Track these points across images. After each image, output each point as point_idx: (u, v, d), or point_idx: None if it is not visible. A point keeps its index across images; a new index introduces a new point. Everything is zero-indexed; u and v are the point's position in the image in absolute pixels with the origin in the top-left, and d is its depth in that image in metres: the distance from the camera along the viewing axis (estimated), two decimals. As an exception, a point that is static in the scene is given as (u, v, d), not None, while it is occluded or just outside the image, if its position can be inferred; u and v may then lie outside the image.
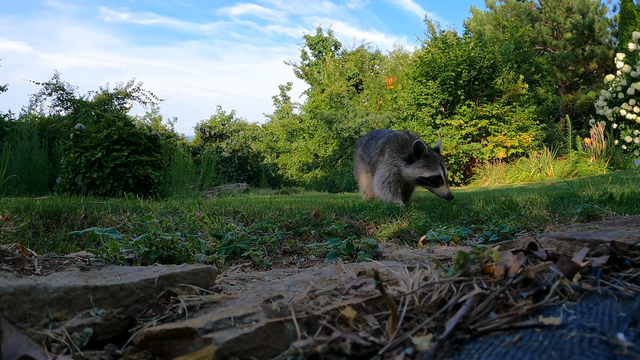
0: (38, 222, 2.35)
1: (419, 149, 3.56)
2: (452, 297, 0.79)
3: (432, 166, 3.56)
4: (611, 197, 2.99)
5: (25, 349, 0.73)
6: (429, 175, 3.56)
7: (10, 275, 1.05)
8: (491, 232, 2.27)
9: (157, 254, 1.66)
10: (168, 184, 6.52)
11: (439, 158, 3.61)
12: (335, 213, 2.88)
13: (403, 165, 3.65)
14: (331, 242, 1.98)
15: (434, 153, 3.62)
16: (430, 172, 3.56)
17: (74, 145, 5.57)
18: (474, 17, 21.16)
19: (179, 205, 2.97)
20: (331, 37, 23.27)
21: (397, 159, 3.70)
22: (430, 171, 3.56)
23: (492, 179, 10.69)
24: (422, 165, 3.58)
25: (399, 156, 3.69)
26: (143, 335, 0.79)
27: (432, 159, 3.57)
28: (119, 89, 13.14)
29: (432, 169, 3.55)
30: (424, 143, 3.55)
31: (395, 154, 3.73)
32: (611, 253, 0.91)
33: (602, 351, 0.58)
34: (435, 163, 3.56)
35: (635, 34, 10.66)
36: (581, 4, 19.17)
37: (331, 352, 0.67)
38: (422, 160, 3.58)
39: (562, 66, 19.32)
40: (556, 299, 0.76)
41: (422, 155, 3.58)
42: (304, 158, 18.95)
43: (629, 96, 10.67)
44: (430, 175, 3.57)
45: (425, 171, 3.57)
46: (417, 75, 13.90)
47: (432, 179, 3.58)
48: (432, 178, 3.57)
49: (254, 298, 0.88)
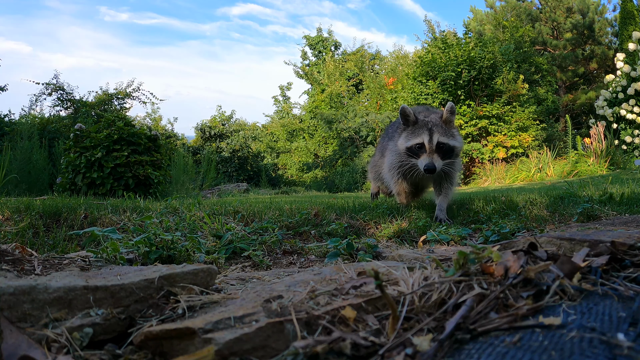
0: (38, 222, 2.35)
1: (404, 115, 2.84)
2: (452, 297, 0.79)
3: (416, 132, 2.78)
4: (611, 197, 2.99)
5: (25, 349, 0.73)
6: (410, 144, 2.77)
7: (10, 275, 1.05)
8: (491, 232, 2.27)
9: (157, 254, 1.66)
10: (168, 184, 6.51)
11: (430, 123, 2.79)
12: (335, 213, 2.88)
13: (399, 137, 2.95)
14: (331, 242, 1.98)
15: (427, 118, 2.84)
16: (412, 140, 2.77)
17: (74, 145, 5.57)
18: (474, 17, 21.16)
19: (179, 205, 2.97)
20: (331, 37, 23.27)
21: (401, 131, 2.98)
22: (413, 139, 2.77)
23: (492, 179, 10.69)
24: (408, 133, 2.83)
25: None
26: (143, 335, 0.79)
27: (420, 124, 2.81)
28: (119, 89, 13.13)
29: (415, 136, 2.77)
30: (410, 108, 2.85)
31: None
32: (611, 253, 0.91)
33: (602, 351, 0.58)
34: (421, 129, 2.78)
35: (635, 34, 10.66)
36: (581, 4, 19.17)
37: (331, 352, 0.67)
38: (410, 128, 2.85)
39: (562, 66, 19.32)
40: (556, 299, 0.76)
41: (410, 123, 2.85)
42: (304, 158, 18.94)
43: (629, 96, 10.67)
44: (411, 144, 2.77)
45: (407, 140, 2.80)
46: (417, 75, 13.90)
47: (413, 148, 2.77)
48: (413, 148, 2.77)
49: (254, 298, 0.88)
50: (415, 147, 2.78)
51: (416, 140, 2.77)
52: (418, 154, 2.77)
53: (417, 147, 2.77)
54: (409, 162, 2.89)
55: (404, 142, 2.83)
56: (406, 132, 2.85)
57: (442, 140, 2.76)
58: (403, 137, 2.86)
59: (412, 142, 2.77)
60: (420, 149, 2.76)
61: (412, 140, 2.78)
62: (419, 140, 2.75)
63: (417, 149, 2.77)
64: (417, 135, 2.78)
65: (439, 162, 2.73)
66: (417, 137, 2.77)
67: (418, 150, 2.77)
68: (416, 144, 2.77)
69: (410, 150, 2.81)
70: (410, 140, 2.79)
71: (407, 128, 2.85)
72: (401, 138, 2.88)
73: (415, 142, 2.77)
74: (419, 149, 2.77)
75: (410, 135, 2.81)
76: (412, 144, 2.78)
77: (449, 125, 2.87)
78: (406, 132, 2.85)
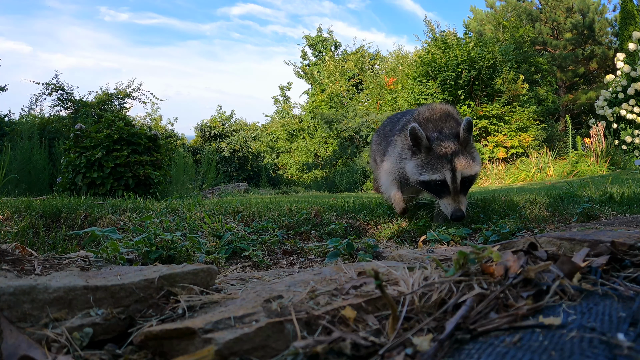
0: (38, 222, 2.35)
1: (415, 137, 2.38)
2: (452, 297, 0.79)
3: (433, 165, 2.35)
4: (611, 197, 2.99)
5: (25, 349, 0.73)
6: (427, 179, 2.36)
7: (10, 275, 1.05)
8: (491, 232, 2.28)
9: (157, 254, 1.66)
10: (168, 184, 6.52)
11: (450, 152, 2.34)
12: (335, 213, 2.88)
13: (408, 159, 2.52)
14: (331, 242, 1.99)
15: (445, 143, 2.37)
16: (428, 173, 2.36)
17: (74, 145, 5.57)
18: (474, 17, 21.16)
19: (179, 205, 2.97)
20: (331, 37, 23.27)
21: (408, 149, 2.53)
22: (430, 172, 2.35)
23: (492, 179, 10.69)
24: (422, 162, 2.40)
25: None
26: (143, 335, 0.79)
27: (438, 154, 2.35)
28: (119, 89, 13.14)
29: (432, 170, 2.35)
30: (421, 131, 2.37)
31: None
32: (611, 253, 0.91)
33: (602, 351, 0.58)
34: (440, 161, 2.34)
35: (635, 34, 10.66)
36: (581, 4, 19.17)
37: (331, 352, 0.67)
38: (423, 154, 2.41)
39: (562, 66, 19.32)
40: (556, 299, 0.76)
41: (422, 147, 2.39)
42: (304, 158, 18.95)
43: (629, 96, 10.66)
44: (429, 179, 2.36)
45: (422, 171, 2.39)
46: (417, 75, 13.90)
47: (432, 184, 2.37)
48: (432, 183, 2.36)
49: (254, 298, 0.88)
50: (434, 183, 2.37)
51: (435, 177, 2.35)
52: (438, 192, 2.39)
53: (436, 184, 2.37)
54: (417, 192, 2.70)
55: (417, 172, 2.42)
56: (418, 160, 2.43)
57: (467, 174, 2.35)
58: (414, 164, 2.44)
59: (430, 178, 2.37)
60: (441, 187, 2.36)
61: (429, 174, 2.37)
62: (439, 177, 2.34)
63: (437, 186, 2.37)
64: (434, 170, 2.35)
65: (465, 203, 2.36)
66: (435, 171, 2.35)
67: (437, 188, 2.38)
68: (435, 181, 2.36)
69: (426, 184, 2.42)
70: (426, 173, 2.38)
71: (419, 154, 2.43)
72: (411, 164, 2.47)
73: (434, 178, 2.35)
74: (438, 185, 2.36)
75: (425, 166, 2.39)
76: (430, 180, 2.37)
77: (468, 147, 2.44)
78: (418, 159, 2.43)
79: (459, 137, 2.41)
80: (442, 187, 2.35)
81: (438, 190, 2.38)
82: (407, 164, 2.51)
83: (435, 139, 2.41)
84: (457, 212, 2.30)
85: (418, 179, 2.42)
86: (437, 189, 2.38)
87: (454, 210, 2.31)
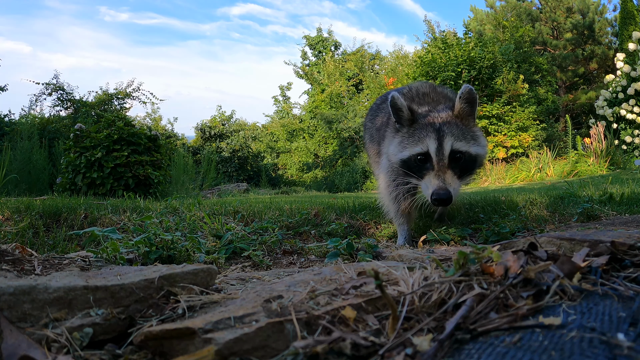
0: (38, 222, 2.35)
1: (396, 109, 1.97)
2: (452, 297, 0.79)
3: (416, 136, 1.91)
4: (611, 197, 2.99)
5: (25, 349, 0.73)
6: (407, 155, 1.92)
7: (10, 275, 1.05)
8: (491, 232, 2.28)
9: (157, 254, 1.66)
10: (168, 184, 6.52)
11: (439, 122, 1.91)
12: (335, 213, 2.88)
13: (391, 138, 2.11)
14: (331, 242, 1.98)
15: (434, 114, 1.97)
16: (410, 147, 1.91)
17: (74, 145, 5.57)
18: (474, 17, 21.16)
19: (179, 205, 2.97)
20: (331, 37, 23.27)
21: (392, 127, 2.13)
22: (411, 146, 1.91)
23: (492, 179, 10.69)
24: (404, 136, 1.98)
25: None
26: (143, 335, 0.79)
27: (423, 124, 1.93)
28: (119, 89, 13.14)
29: (414, 142, 1.90)
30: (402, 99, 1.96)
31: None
32: (611, 253, 0.91)
33: (602, 351, 0.58)
34: (424, 130, 1.90)
35: (635, 34, 10.66)
36: (581, 4, 19.17)
37: (331, 352, 0.67)
38: (406, 129, 1.99)
39: (562, 66, 19.32)
40: (556, 299, 0.76)
41: (405, 120, 1.99)
42: (304, 158, 18.95)
43: (629, 96, 10.66)
44: (409, 155, 1.92)
45: (404, 147, 1.95)
46: (417, 75, 13.89)
47: (412, 161, 1.91)
48: (412, 160, 1.91)
49: (254, 298, 0.88)
50: (416, 159, 1.89)
51: (416, 150, 1.87)
52: (420, 170, 1.88)
53: (418, 159, 1.88)
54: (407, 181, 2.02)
55: (397, 150, 1.97)
56: (400, 136, 1.99)
57: (460, 148, 1.86)
58: (396, 142, 2.00)
59: (410, 153, 1.89)
60: (424, 163, 1.87)
61: (410, 147, 1.90)
62: (420, 149, 1.86)
63: (419, 163, 1.88)
64: (416, 141, 1.89)
65: (456, 184, 1.82)
66: (416, 143, 1.89)
67: (420, 165, 1.88)
68: (417, 155, 1.88)
69: (407, 164, 1.93)
70: (407, 147, 1.91)
71: (402, 129, 2.00)
72: (393, 144, 2.02)
73: (415, 151, 1.88)
74: (421, 162, 1.88)
75: (406, 140, 1.94)
76: (411, 155, 1.89)
77: (467, 122, 1.97)
78: (400, 135, 1.99)
79: (453, 109, 1.96)
80: (426, 163, 1.87)
81: (421, 170, 1.88)
82: (389, 145, 2.07)
83: (422, 111, 2.02)
84: (440, 191, 1.74)
85: (399, 158, 1.96)
86: (420, 168, 1.88)
87: (435, 188, 1.76)
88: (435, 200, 1.76)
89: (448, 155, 1.84)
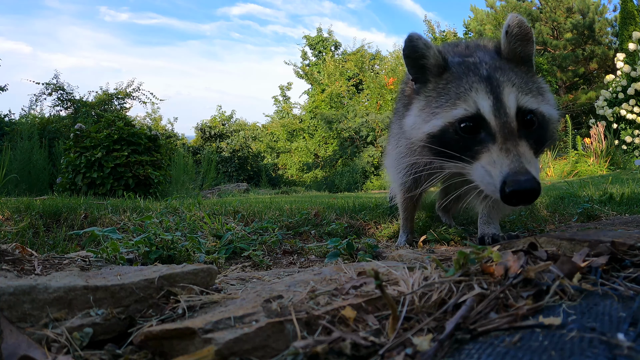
0: (38, 222, 2.35)
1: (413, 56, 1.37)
2: (452, 297, 0.79)
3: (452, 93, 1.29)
4: (611, 197, 2.99)
5: (25, 349, 0.73)
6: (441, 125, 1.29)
7: (10, 275, 1.05)
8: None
9: (157, 254, 1.66)
10: (168, 184, 6.52)
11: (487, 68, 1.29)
12: (335, 213, 2.88)
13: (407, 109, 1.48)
14: (331, 242, 1.98)
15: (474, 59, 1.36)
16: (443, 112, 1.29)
17: (74, 145, 5.57)
18: (474, 17, 21.17)
19: (179, 205, 2.97)
20: (331, 37, 23.25)
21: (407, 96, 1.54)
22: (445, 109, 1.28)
23: (492, 179, 10.67)
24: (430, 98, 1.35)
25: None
26: (143, 335, 0.79)
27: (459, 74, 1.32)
28: (119, 89, 13.15)
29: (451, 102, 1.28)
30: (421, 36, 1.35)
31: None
32: (611, 253, 0.91)
33: (602, 351, 0.58)
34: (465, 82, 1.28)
35: (635, 34, 10.66)
36: (581, 4, 19.17)
37: (331, 352, 0.67)
38: (432, 86, 1.37)
39: (562, 66, 19.32)
40: (556, 299, 0.76)
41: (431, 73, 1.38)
42: (304, 158, 18.95)
43: (629, 96, 10.66)
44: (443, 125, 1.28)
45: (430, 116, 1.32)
46: (417, 75, 13.89)
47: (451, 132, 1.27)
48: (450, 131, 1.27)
49: (254, 298, 0.88)
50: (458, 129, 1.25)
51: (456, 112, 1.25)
52: (467, 147, 1.24)
53: (461, 128, 1.24)
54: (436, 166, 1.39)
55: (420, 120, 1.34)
56: (424, 97, 1.36)
57: (528, 104, 1.24)
58: (416, 109, 1.38)
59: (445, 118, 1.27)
60: (473, 134, 1.23)
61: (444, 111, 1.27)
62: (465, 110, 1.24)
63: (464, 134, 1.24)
64: (456, 99, 1.27)
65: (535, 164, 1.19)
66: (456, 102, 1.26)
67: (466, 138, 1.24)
68: (459, 122, 1.25)
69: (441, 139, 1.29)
70: (439, 112, 1.28)
71: (424, 88, 1.38)
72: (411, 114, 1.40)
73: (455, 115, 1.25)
74: (468, 131, 1.24)
75: (434, 101, 1.32)
76: (447, 123, 1.27)
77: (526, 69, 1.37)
78: (423, 96, 1.37)
79: (500, 51, 1.37)
80: (477, 134, 1.22)
81: (468, 145, 1.23)
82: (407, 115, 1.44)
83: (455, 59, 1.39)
84: (519, 177, 1.10)
85: (425, 132, 1.31)
86: (466, 144, 1.23)
87: (509, 173, 1.11)
88: (515, 194, 1.10)
89: (515, 116, 1.20)
